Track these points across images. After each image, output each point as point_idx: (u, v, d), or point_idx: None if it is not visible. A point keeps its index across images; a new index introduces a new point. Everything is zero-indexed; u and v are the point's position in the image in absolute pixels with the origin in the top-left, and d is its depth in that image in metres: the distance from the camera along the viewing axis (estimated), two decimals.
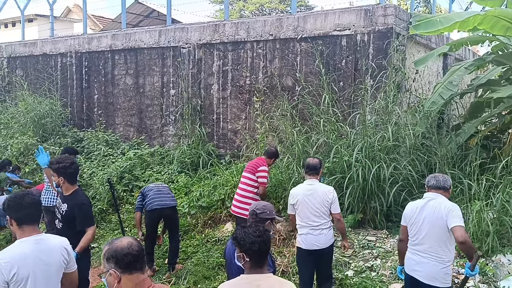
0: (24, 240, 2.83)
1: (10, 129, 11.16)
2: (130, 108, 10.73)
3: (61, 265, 2.92)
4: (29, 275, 2.72)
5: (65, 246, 2.99)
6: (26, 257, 2.74)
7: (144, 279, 2.18)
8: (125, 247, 2.14)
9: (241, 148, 8.65)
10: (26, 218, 2.86)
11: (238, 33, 8.71)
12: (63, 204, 4.11)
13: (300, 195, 4.60)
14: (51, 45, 12.30)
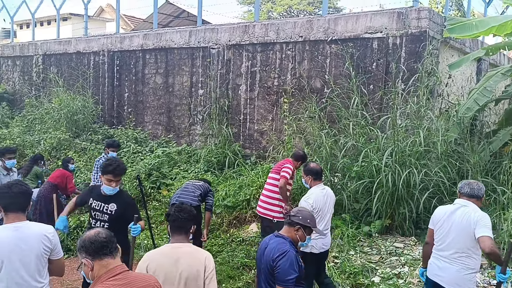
0: (4, 226, 2.97)
1: (44, 124, 11.51)
2: (159, 107, 10.90)
3: (41, 252, 2.98)
4: (3, 260, 2.85)
5: (47, 234, 3.02)
6: (2, 243, 2.87)
7: (117, 265, 2.28)
8: (92, 235, 2.28)
9: (267, 149, 8.66)
10: (12, 206, 2.99)
11: (268, 34, 8.73)
12: (110, 204, 4.11)
13: (321, 201, 4.60)
14: (84, 43, 12.63)
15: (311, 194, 4.62)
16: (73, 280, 6.02)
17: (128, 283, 2.23)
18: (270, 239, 3.30)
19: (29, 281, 2.94)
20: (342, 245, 5.88)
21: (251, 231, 6.77)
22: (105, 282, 2.19)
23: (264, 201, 5.81)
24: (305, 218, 3.31)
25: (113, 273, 2.22)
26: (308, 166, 4.82)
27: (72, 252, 7.07)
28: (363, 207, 6.28)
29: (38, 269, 2.99)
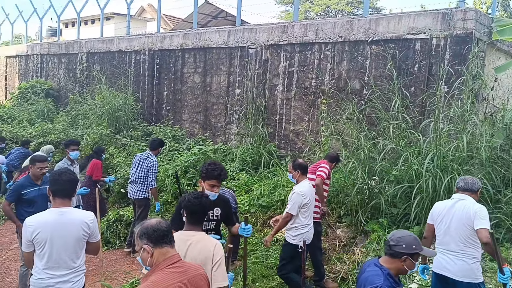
0: (51, 210, 3.34)
1: (87, 120, 11.94)
2: (197, 106, 11.07)
3: (80, 236, 3.34)
4: (47, 239, 3.23)
5: (87, 221, 3.37)
6: (47, 224, 3.25)
7: (174, 254, 2.39)
8: (154, 224, 2.38)
9: (303, 150, 8.62)
10: (59, 192, 3.34)
11: (307, 34, 8.68)
12: (215, 209, 3.92)
13: (310, 195, 5.00)
14: (126, 42, 13.00)
15: (303, 187, 4.93)
16: (111, 271, 6.22)
17: (184, 271, 2.34)
18: (369, 265, 2.96)
19: (66, 260, 3.32)
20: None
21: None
22: (165, 269, 2.29)
23: None
24: (410, 245, 2.83)
25: (171, 261, 2.33)
26: (297, 162, 5.11)
27: (111, 244, 7.32)
28: (401, 212, 6.13)
29: (76, 251, 3.36)
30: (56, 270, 3.29)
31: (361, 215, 6.28)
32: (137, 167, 7.02)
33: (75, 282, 3.39)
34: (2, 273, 6.25)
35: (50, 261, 3.28)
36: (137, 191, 6.91)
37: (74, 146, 6.68)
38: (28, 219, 3.30)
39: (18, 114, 14.36)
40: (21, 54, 18.29)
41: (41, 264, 3.29)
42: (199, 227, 3.13)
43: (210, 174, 3.78)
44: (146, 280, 2.28)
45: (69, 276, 3.35)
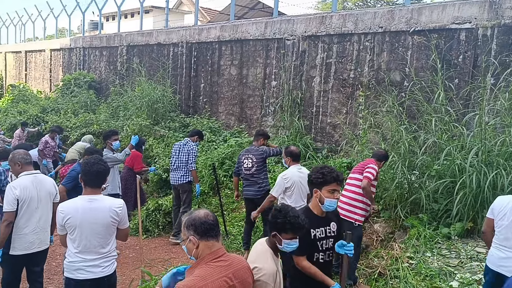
0: (81, 197, 3.54)
1: (127, 111, 12.28)
2: (233, 98, 11.14)
3: (109, 223, 3.50)
4: (77, 224, 3.42)
5: (115, 208, 3.53)
6: (77, 210, 3.43)
7: (220, 247, 2.39)
8: (202, 216, 2.39)
9: (340, 143, 8.50)
10: (90, 181, 3.52)
11: (346, 25, 8.52)
12: (331, 224, 3.48)
13: (296, 178, 5.27)
14: (165, 35, 13.22)
15: (288, 171, 5.38)
16: (150, 259, 6.40)
17: (229, 264, 2.35)
18: None
19: (96, 246, 3.48)
20: (418, 245, 5.63)
21: None
22: (210, 263, 2.30)
23: (345, 202, 5.50)
24: None
25: (217, 254, 2.34)
26: (289, 149, 5.55)
27: (151, 232, 7.52)
28: (443, 208, 5.95)
29: (105, 237, 3.51)
30: (87, 255, 3.44)
31: (400, 210, 6.14)
32: (178, 154, 7.17)
33: (105, 267, 3.52)
34: (48, 258, 6.56)
35: (81, 245, 3.44)
36: (180, 176, 7.12)
37: (115, 136, 6.87)
38: (60, 205, 3.51)
39: (62, 106, 14.96)
40: (64, 48, 18.99)
41: (73, 248, 3.46)
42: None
43: (328, 178, 3.29)
44: (191, 273, 2.30)
45: (99, 261, 3.49)
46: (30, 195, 4.23)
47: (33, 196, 4.26)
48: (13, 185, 4.23)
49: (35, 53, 21.98)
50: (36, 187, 4.30)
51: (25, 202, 4.20)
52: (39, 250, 4.38)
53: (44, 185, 4.39)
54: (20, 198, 4.17)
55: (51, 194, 4.45)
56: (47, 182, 4.47)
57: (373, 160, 5.65)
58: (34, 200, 4.27)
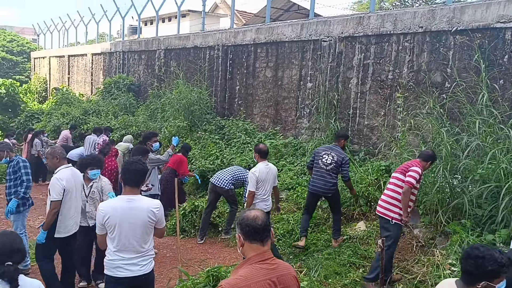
0: (120, 197, 3.65)
1: (165, 113, 12.54)
2: (268, 100, 11.15)
3: (146, 222, 3.58)
4: (116, 223, 3.51)
5: (153, 208, 3.61)
6: (116, 210, 3.53)
7: (265, 251, 2.34)
8: (250, 218, 2.35)
9: (378, 145, 8.34)
10: (129, 181, 3.61)
11: (384, 25, 8.35)
12: None
13: (264, 174, 5.86)
14: (201, 38, 13.42)
15: (257, 167, 5.90)
16: (187, 259, 6.49)
17: (274, 268, 2.33)
18: None
19: (134, 245, 3.57)
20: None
21: (359, 229, 6.60)
22: (255, 264, 2.29)
23: (384, 200, 5.42)
24: None
25: (263, 257, 2.32)
26: (258, 146, 6.11)
27: (187, 233, 7.64)
28: (487, 214, 5.71)
29: (143, 236, 3.60)
30: (126, 253, 3.55)
31: (441, 215, 5.95)
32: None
33: (143, 266, 3.62)
34: None
35: (120, 244, 3.54)
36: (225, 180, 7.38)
37: (155, 138, 7.02)
38: (101, 205, 3.65)
39: (103, 108, 15.47)
40: (105, 52, 19.64)
41: (112, 247, 3.57)
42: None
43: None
44: (236, 273, 2.30)
45: (137, 260, 3.59)
46: (72, 185, 4.85)
47: (73, 186, 4.88)
48: (59, 177, 4.78)
49: (77, 57, 22.86)
50: (74, 178, 4.93)
51: (69, 191, 4.81)
52: (74, 232, 5.01)
53: (78, 177, 5.06)
54: (66, 188, 4.77)
55: (83, 184, 5.22)
56: (79, 174, 5.14)
57: (417, 161, 5.40)
58: (73, 189, 4.90)
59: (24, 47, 40.50)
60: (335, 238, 6.39)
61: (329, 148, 6.52)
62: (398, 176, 5.34)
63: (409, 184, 5.11)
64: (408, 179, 5.14)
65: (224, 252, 6.90)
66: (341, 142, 6.55)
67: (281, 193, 8.36)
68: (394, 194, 5.30)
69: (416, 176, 5.16)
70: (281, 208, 7.26)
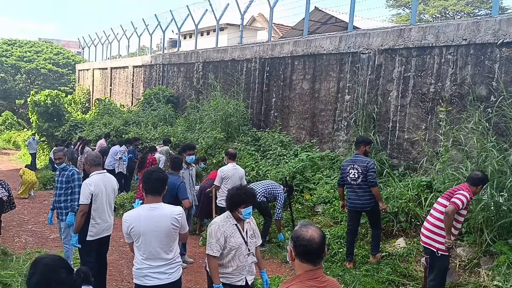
0: (143, 206, 3.71)
1: (202, 124, 12.75)
2: (304, 112, 11.12)
3: (170, 229, 3.62)
4: (141, 232, 3.58)
5: (175, 215, 3.65)
6: (140, 219, 3.59)
7: (316, 271, 2.27)
8: (305, 238, 2.25)
9: (418, 160, 8.12)
10: (149, 189, 3.67)
11: (426, 37, 8.18)
12: None
13: (230, 173, 7.12)
14: (239, 51, 13.61)
15: (225, 167, 7.28)
16: None
17: (324, 286, 2.28)
18: None
19: (160, 252, 3.62)
20: (508, 274, 5.17)
21: (398, 245, 6.42)
22: (305, 281, 2.25)
23: (427, 229, 4.98)
24: None
25: (314, 275, 2.27)
26: (228, 150, 7.63)
27: None
28: None
29: (168, 244, 3.65)
30: (152, 261, 3.60)
31: (486, 235, 5.69)
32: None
33: (170, 274, 3.66)
34: (128, 262, 6.94)
35: (146, 252, 3.59)
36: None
37: (190, 151, 7.06)
38: (125, 215, 3.71)
39: (143, 119, 15.92)
40: (145, 64, 20.27)
41: (140, 255, 3.63)
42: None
43: None
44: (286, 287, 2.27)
45: (164, 268, 3.63)
46: (100, 190, 5.03)
47: (102, 191, 5.06)
48: (89, 182, 5.00)
49: (119, 69, 23.71)
50: (104, 184, 5.10)
51: (97, 196, 5.00)
52: (106, 235, 5.23)
53: (110, 182, 5.22)
54: (94, 193, 4.96)
55: (115, 190, 5.33)
56: (112, 180, 5.33)
57: (466, 185, 4.91)
58: (103, 194, 5.07)
59: (69, 59, 42.46)
60: (374, 254, 6.23)
61: (351, 161, 6.36)
62: (443, 202, 4.91)
63: (454, 204, 4.69)
64: (454, 200, 4.73)
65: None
66: (361, 149, 6.36)
67: (317, 207, 8.29)
68: (438, 222, 4.88)
69: (463, 199, 4.71)
70: (314, 222, 7.18)
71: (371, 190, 6.12)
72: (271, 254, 7.15)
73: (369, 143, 6.61)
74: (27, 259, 6.43)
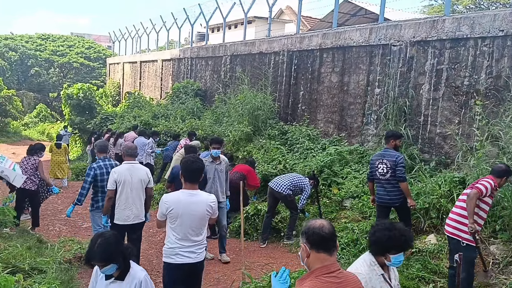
0: (183, 191, 3.98)
1: (230, 118, 12.80)
2: (332, 105, 10.99)
3: (204, 215, 3.98)
4: (179, 214, 3.88)
5: (210, 202, 4.01)
6: (179, 202, 3.90)
7: (333, 263, 2.27)
8: (316, 226, 2.32)
9: (451, 155, 7.90)
10: (188, 177, 3.96)
11: (460, 29, 7.91)
12: None
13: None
14: (267, 44, 13.55)
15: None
16: (250, 262, 6.55)
17: (341, 282, 2.25)
18: None
19: (192, 234, 3.96)
20: None
21: (429, 242, 6.28)
22: (321, 277, 2.22)
23: (452, 219, 5.00)
24: None
25: (329, 269, 2.25)
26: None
27: (250, 236, 7.71)
28: None
29: (199, 227, 4.01)
30: (185, 242, 3.93)
31: None
32: None
33: (198, 254, 4.01)
34: (157, 252, 7.07)
35: (181, 234, 3.92)
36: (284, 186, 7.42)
37: (215, 145, 6.83)
38: (165, 196, 4.01)
39: (171, 112, 16.13)
40: (174, 58, 20.49)
41: (173, 236, 3.94)
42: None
43: None
44: (301, 285, 2.24)
45: (193, 248, 3.97)
46: (124, 179, 5.36)
47: (127, 180, 5.37)
48: (114, 170, 5.44)
49: (148, 63, 24.07)
50: (130, 174, 5.41)
51: (121, 184, 5.34)
52: (134, 223, 5.49)
53: (137, 173, 5.48)
54: (117, 181, 5.34)
55: (143, 180, 5.52)
56: (141, 170, 5.57)
57: (490, 176, 5.00)
58: (128, 183, 5.37)
59: (100, 53, 43.45)
60: None
61: (380, 155, 6.25)
62: (467, 192, 4.92)
63: (478, 190, 4.72)
64: (478, 185, 4.78)
65: (286, 257, 6.87)
66: (391, 143, 6.24)
67: (345, 201, 8.20)
68: (462, 211, 4.85)
69: (486, 185, 4.76)
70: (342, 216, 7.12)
71: (400, 185, 6.01)
72: (298, 247, 7.14)
73: (399, 137, 6.48)
74: (61, 247, 6.65)
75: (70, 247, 6.78)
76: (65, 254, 6.36)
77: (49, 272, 5.23)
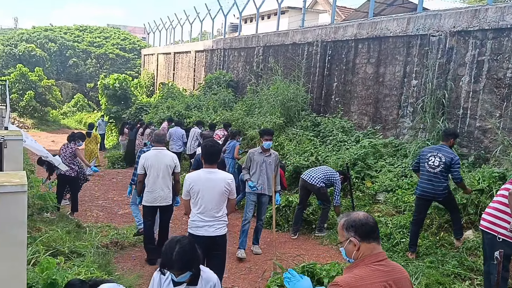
0: (202, 169, 4.38)
1: (262, 109, 12.79)
2: (367, 97, 10.79)
3: (222, 192, 4.31)
4: (199, 190, 4.29)
5: (228, 180, 4.36)
6: (199, 179, 4.32)
7: (381, 251, 2.31)
8: (363, 218, 2.34)
9: (491, 150, 7.61)
10: (207, 159, 4.35)
11: (504, 18, 7.56)
12: None
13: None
14: (300, 35, 13.42)
15: None
16: (281, 253, 6.57)
17: (390, 270, 2.27)
18: None
19: (212, 209, 4.31)
20: None
21: (466, 238, 6.10)
22: (371, 265, 2.25)
23: (489, 213, 4.78)
24: None
25: (377, 258, 2.27)
26: None
27: (281, 227, 7.72)
28: None
29: (218, 203, 4.34)
30: (205, 216, 4.30)
31: None
32: None
33: (217, 228, 4.33)
34: None
35: (201, 208, 4.30)
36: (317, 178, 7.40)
37: (267, 136, 6.51)
38: (187, 176, 4.43)
39: (204, 103, 16.28)
40: (207, 49, 20.62)
41: (195, 210, 4.35)
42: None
43: None
44: (350, 272, 2.26)
45: (213, 223, 4.32)
46: (151, 164, 5.76)
47: (154, 165, 5.76)
48: (142, 156, 5.90)
49: (182, 54, 24.34)
50: (157, 159, 5.78)
51: (148, 168, 5.77)
52: (161, 205, 5.88)
53: (164, 159, 5.83)
54: (145, 165, 5.78)
55: (170, 166, 5.87)
56: (168, 156, 5.90)
57: None
58: (155, 168, 5.76)
59: (135, 44, 44.28)
60: (458, 238, 6.09)
61: (435, 148, 6.10)
62: (506, 186, 4.70)
63: None
64: None
65: (317, 249, 6.85)
66: (450, 142, 6.10)
67: (379, 195, 8.07)
68: (501, 206, 4.62)
69: None
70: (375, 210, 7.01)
71: (446, 181, 5.92)
72: (329, 240, 7.10)
73: (457, 137, 6.51)
74: (98, 232, 6.89)
75: (107, 232, 7.02)
76: (102, 239, 6.59)
77: (88, 256, 5.43)
